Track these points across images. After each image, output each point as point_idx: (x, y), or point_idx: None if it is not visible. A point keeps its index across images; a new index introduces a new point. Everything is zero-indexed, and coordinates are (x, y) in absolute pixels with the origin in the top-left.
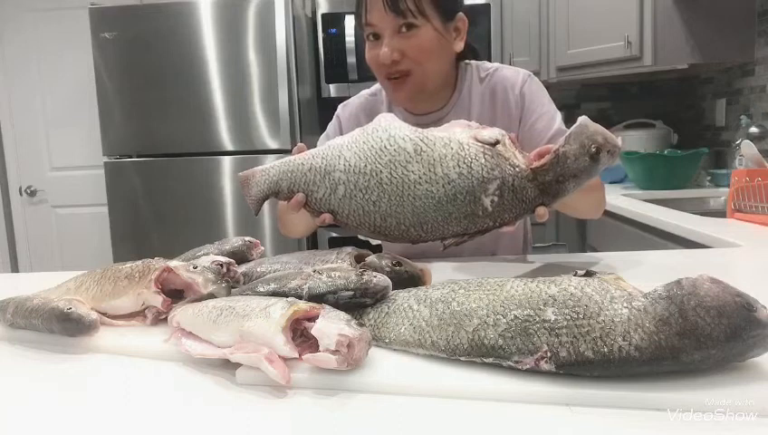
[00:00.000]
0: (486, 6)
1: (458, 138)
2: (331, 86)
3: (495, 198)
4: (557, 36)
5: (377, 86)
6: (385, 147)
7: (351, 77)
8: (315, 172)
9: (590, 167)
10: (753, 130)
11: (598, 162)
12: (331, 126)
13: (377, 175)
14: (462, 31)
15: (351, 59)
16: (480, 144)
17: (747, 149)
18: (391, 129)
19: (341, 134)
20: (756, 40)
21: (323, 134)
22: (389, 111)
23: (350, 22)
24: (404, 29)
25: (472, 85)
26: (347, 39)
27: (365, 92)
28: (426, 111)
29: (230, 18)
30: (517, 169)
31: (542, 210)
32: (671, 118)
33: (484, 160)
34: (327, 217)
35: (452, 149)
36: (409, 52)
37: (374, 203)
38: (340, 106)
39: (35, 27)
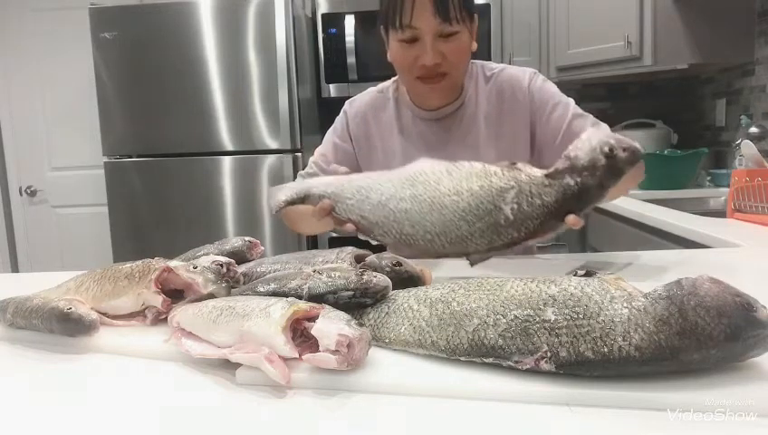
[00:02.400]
0: (486, 6)
1: (483, 162)
2: (331, 86)
3: (515, 206)
4: (557, 36)
5: (384, 84)
6: (422, 172)
7: (351, 77)
8: (351, 186)
9: (610, 166)
10: (753, 130)
11: (615, 159)
12: (339, 121)
13: (411, 188)
14: (475, 31)
15: (351, 59)
16: (501, 165)
17: (747, 149)
18: (427, 163)
19: (348, 129)
20: (756, 40)
21: (331, 128)
22: (397, 108)
23: (350, 22)
24: (445, 33)
25: (478, 84)
26: (347, 39)
27: (372, 89)
28: (435, 107)
29: (230, 18)
30: (532, 177)
31: (571, 218)
32: (671, 118)
33: (501, 174)
34: (350, 227)
35: (476, 168)
36: (450, 54)
37: (405, 211)
38: (347, 102)
39: (35, 27)
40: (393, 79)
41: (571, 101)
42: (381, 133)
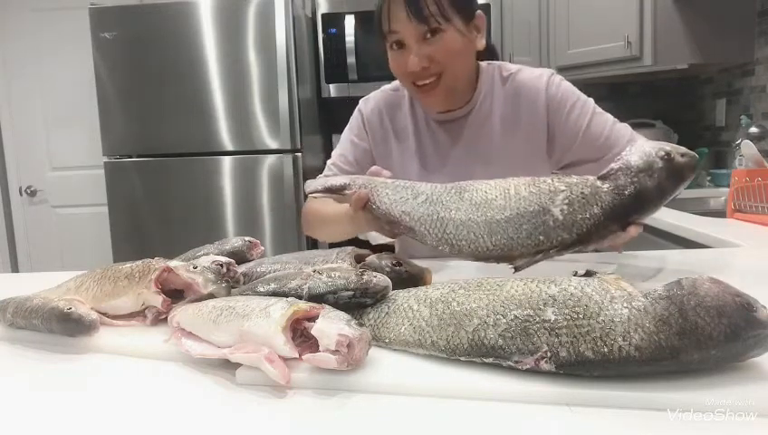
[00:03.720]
0: (486, 6)
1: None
2: (331, 86)
3: (565, 207)
4: (557, 36)
5: (397, 82)
6: (468, 183)
7: (351, 77)
8: (394, 184)
9: (669, 168)
10: (753, 130)
11: (673, 162)
12: (354, 120)
13: (459, 193)
14: (481, 28)
15: (351, 59)
16: (551, 176)
17: (747, 149)
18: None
19: (365, 129)
20: (756, 40)
21: (346, 128)
22: (411, 106)
23: (350, 22)
24: (429, 35)
25: (494, 85)
26: (347, 39)
27: (387, 87)
28: (448, 109)
29: (230, 18)
30: (584, 179)
31: (632, 229)
32: (671, 118)
33: (551, 180)
34: (388, 231)
35: (525, 178)
36: (437, 56)
37: (450, 210)
38: (361, 100)
39: (35, 27)
40: None
41: (591, 100)
42: (397, 132)
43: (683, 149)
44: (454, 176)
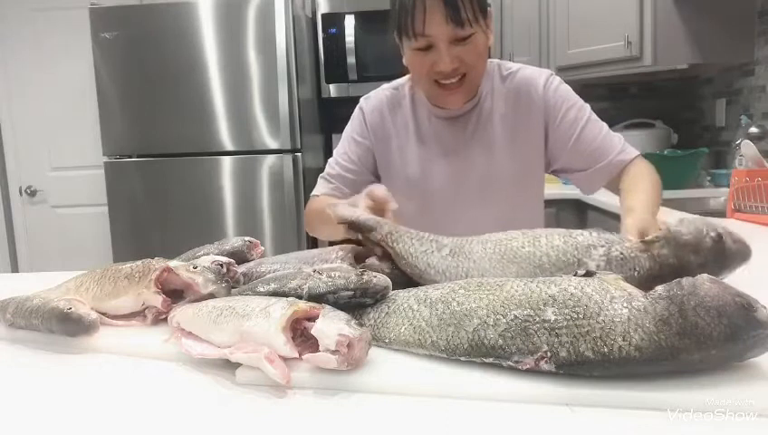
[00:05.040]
0: None
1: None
2: (331, 86)
3: (602, 264)
4: (557, 36)
5: (398, 81)
6: (490, 235)
7: (351, 77)
8: (422, 235)
9: (717, 251)
10: (753, 130)
11: (723, 245)
12: (356, 118)
13: (483, 244)
14: (491, 24)
15: (351, 59)
16: (589, 229)
17: (747, 149)
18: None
19: (366, 126)
20: (756, 40)
21: (347, 127)
22: (413, 105)
23: (350, 22)
24: (460, 37)
25: (494, 82)
26: (347, 39)
27: (387, 86)
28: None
29: (230, 18)
30: (626, 240)
31: None
32: (671, 118)
33: (588, 234)
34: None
35: (558, 230)
36: (467, 57)
37: (475, 261)
38: (362, 99)
39: (35, 27)
40: (408, 76)
41: (587, 106)
42: (398, 131)
43: (737, 236)
44: (456, 172)
